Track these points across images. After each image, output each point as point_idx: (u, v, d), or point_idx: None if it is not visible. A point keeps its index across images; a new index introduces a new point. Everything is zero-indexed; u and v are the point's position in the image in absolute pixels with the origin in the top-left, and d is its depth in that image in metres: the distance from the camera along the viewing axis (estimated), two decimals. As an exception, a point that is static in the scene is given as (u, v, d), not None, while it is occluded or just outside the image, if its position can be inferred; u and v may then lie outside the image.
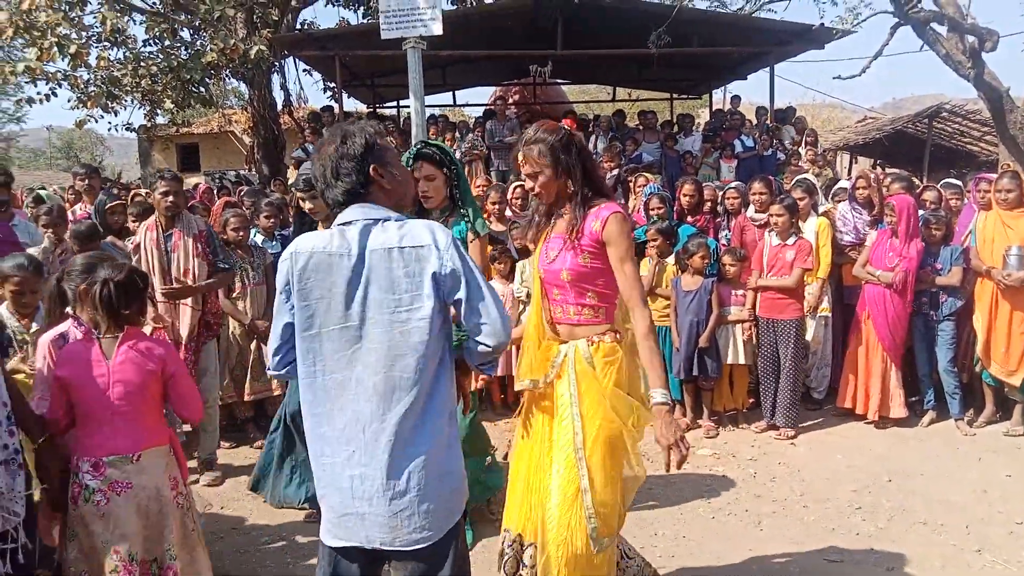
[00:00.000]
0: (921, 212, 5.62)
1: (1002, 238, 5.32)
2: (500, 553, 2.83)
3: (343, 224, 2.05)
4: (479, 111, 14.93)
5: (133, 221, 5.47)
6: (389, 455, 1.99)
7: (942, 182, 6.65)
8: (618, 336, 2.72)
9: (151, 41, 11.46)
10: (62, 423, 2.72)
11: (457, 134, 11.00)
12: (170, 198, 4.68)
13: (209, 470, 4.85)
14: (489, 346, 2.06)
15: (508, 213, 6.40)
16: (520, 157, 2.71)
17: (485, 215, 5.56)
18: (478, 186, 8.00)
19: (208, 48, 9.82)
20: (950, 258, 5.41)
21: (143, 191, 6.36)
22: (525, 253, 5.71)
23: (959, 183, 6.50)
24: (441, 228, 2.04)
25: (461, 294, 2.01)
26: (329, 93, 14.44)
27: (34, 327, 3.42)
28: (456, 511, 2.12)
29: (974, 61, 9.39)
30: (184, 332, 4.69)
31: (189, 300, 4.73)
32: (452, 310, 2.10)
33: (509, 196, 6.45)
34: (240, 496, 4.60)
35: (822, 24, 10.38)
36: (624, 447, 2.66)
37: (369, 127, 2.13)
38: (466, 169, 9.08)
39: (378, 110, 15.17)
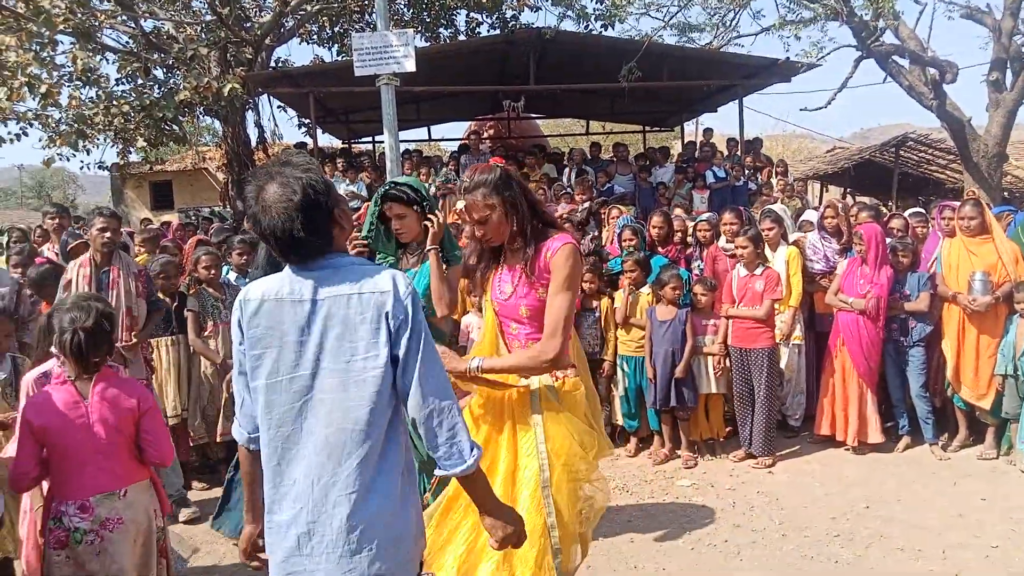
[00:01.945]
0: (888, 240, 5.72)
1: (967, 264, 5.42)
2: None
3: (297, 268, 1.92)
4: (455, 145, 15.06)
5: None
6: (340, 512, 1.87)
7: (908, 211, 6.78)
8: (576, 368, 2.72)
9: (124, 80, 11.49)
10: (32, 475, 2.72)
11: (431, 168, 11.06)
12: (107, 235, 4.69)
13: (184, 507, 4.78)
14: (412, 414, 1.91)
15: None
16: (464, 207, 2.64)
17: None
18: (456, 216, 8.03)
19: (181, 86, 9.85)
20: (918, 284, 5.50)
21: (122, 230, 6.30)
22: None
23: (924, 211, 6.63)
24: (404, 278, 1.92)
25: (400, 349, 1.88)
26: (304, 129, 14.51)
27: (0, 376, 3.35)
28: (410, 571, 2.00)
29: (936, 92, 9.67)
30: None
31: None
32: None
33: None
34: (213, 539, 4.50)
35: (787, 58, 10.63)
36: (584, 479, 2.67)
37: (313, 165, 1.93)
38: (441, 202, 9.12)
39: (352, 145, 15.22)
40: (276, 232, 1.84)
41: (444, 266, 3.38)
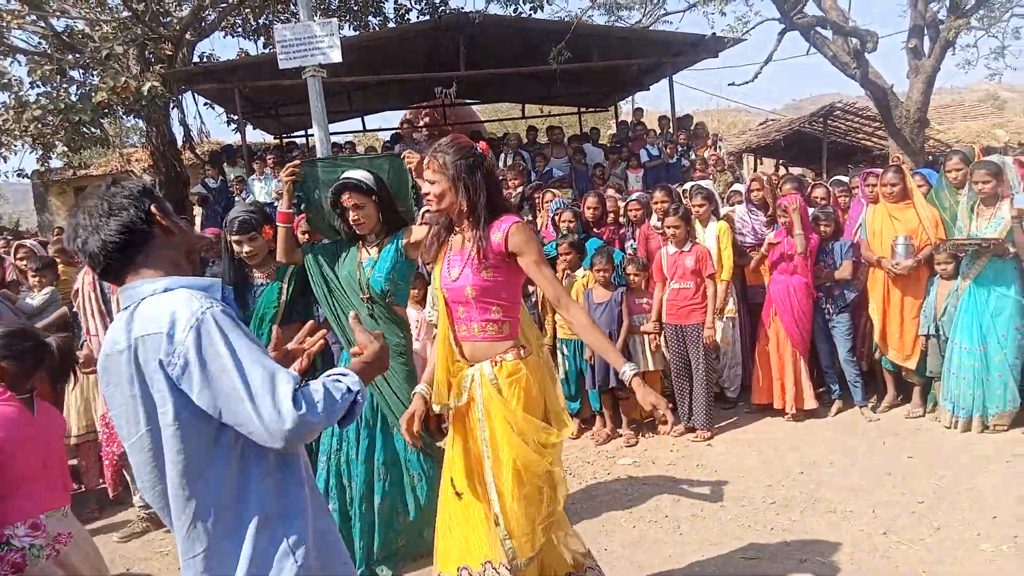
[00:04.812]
0: (811, 209, 5.84)
1: (890, 230, 5.56)
2: None
3: (127, 304, 1.71)
4: (391, 135, 14.88)
5: (33, 276, 5.32)
6: None
7: (831, 180, 6.93)
8: (522, 351, 2.74)
9: (38, 83, 11.02)
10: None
11: (365, 160, 10.88)
12: None
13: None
14: (272, 447, 1.63)
15: None
16: (425, 162, 2.73)
17: None
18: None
19: (98, 87, 9.49)
20: (840, 252, 5.63)
21: (28, 241, 6.05)
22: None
23: (846, 180, 6.78)
24: (191, 304, 1.63)
25: (201, 396, 1.60)
26: (234, 126, 14.14)
27: None
28: None
29: (858, 61, 9.87)
30: None
31: None
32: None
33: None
34: (149, 555, 4.40)
35: (713, 34, 10.74)
36: (538, 474, 2.68)
37: (127, 183, 1.81)
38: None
39: (285, 140, 14.91)
40: (76, 243, 1.73)
41: None
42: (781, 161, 16.73)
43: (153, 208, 1.75)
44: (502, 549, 2.61)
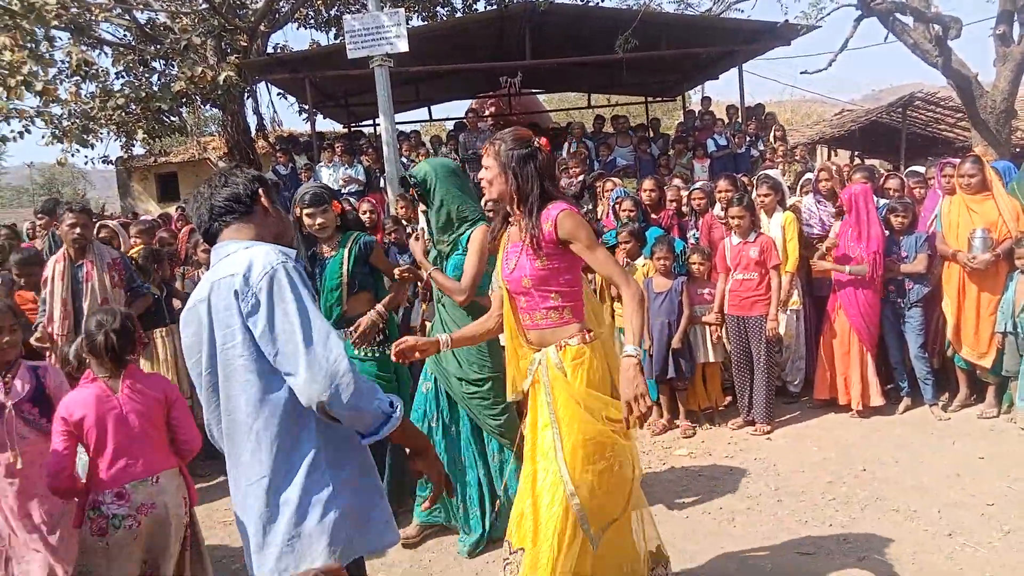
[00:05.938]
0: (885, 201, 5.64)
1: (967, 222, 5.34)
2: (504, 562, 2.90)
3: (215, 260, 1.95)
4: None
5: None
6: (250, 513, 1.86)
7: (906, 170, 6.68)
8: (588, 336, 2.77)
9: (122, 73, 11.52)
10: (70, 470, 2.88)
11: (430, 148, 11.01)
12: (77, 230, 4.74)
13: None
14: (307, 397, 1.78)
15: None
16: (483, 148, 2.84)
17: None
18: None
19: (177, 77, 9.86)
20: (915, 245, 5.43)
21: (110, 222, 6.34)
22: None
23: (922, 171, 6.52)
24: (268, 256, 1.84)
25: (262, 336, 1.79)
26: (304, 115, 14.48)
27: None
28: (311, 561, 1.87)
29: (940, 49, 9.46)
30: None
31: None
32: None
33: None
34: (213, 524, 4.57)
35: (786, 21, 10.45)
36: (606, 445, 2.71)
37: (239, 170, 2.09)
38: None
39: (354, 129, 15.19)
40: (192, 208, 2.03)
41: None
42: (857, 152, 16.16)
43: (260, 191, 2.01)
44: (579, 523, 2.65)
